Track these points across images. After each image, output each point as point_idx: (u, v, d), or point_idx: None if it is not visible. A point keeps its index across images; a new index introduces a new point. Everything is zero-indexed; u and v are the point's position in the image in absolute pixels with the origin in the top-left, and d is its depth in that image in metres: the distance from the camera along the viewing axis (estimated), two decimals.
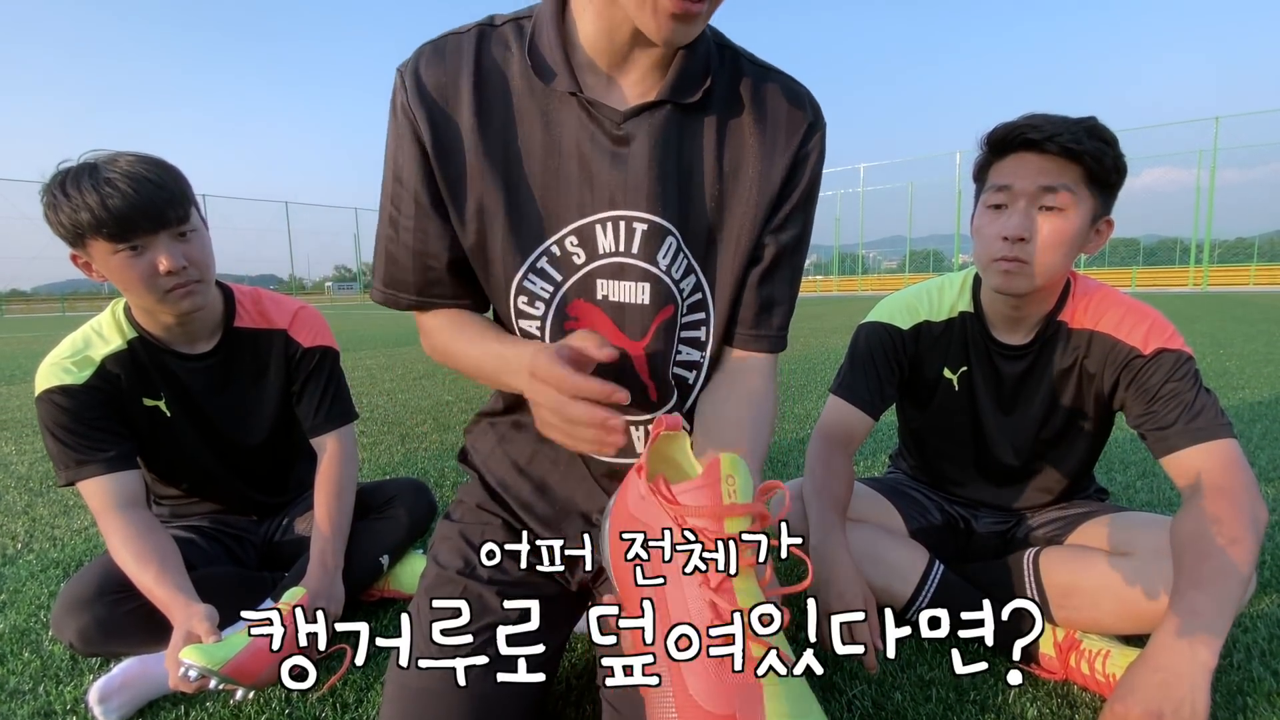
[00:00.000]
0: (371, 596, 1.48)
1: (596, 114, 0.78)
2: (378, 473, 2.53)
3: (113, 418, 1.26)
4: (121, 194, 1.09)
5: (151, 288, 1.17)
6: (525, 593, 0.87)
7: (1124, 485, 2.14)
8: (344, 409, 1.48)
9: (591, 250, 0.81)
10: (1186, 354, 1.13)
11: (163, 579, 1.13)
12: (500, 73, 0.79)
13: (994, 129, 1.13)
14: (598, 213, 0.79)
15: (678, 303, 0.83)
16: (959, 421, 1.34)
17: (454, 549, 0.93)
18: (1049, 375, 1.24)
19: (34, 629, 1.39)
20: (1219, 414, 1.10)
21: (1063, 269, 1.13)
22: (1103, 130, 1.06)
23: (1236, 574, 0.95)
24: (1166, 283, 28.82)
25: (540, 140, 0.79)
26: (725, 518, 0.53)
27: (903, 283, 35.05)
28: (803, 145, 0.83)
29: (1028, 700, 1.09)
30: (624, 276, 0.81)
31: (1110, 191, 1.11)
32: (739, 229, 0.83)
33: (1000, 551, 1.35)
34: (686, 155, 0.80)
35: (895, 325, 1.33)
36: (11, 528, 2.03)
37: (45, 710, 1.12)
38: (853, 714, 1.06)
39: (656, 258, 0.80)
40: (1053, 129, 1.05)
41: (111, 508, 1.20)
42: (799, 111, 0.83)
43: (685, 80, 0.78)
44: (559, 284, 0.82)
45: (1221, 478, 1.04)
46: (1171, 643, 0.92)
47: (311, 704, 1.12)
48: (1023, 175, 1.09)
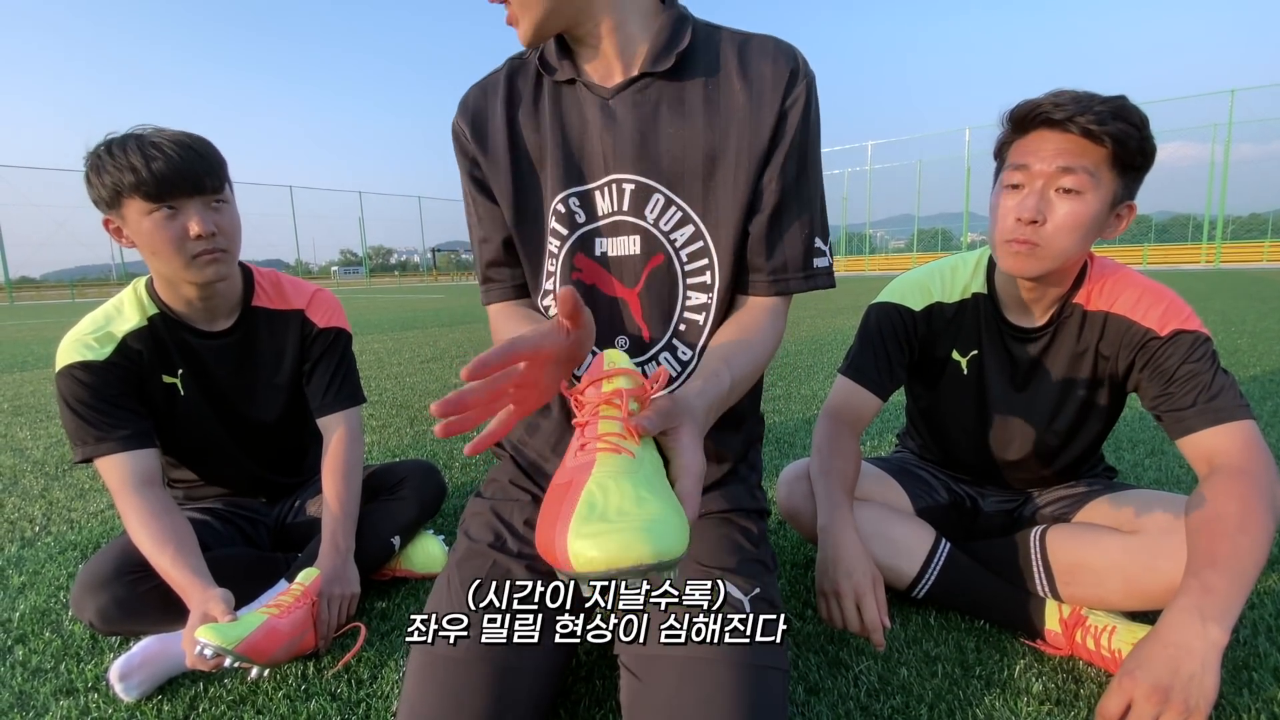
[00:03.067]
0: (383, 576, 1.50)
1: (592, 93, 0.91)
2: (387, 455, 2.55)
3: (132, 395, 1.28)
4: (165, 157, 1.15)
5: (180, 250, 1.20)
6: (551, 565, 0.91)
7: (1132, 464, 2.13)
8: (352, 391, 1.49)
9: (591, 211, 0.94)
10: (1204, 335, 1.12)
11: (179, 562, 1.15)
12: (524, 85, 0.96)
13: (1017, 105, 1.09)
14: (595, 179, 0.92)
15: (667, 252, 0.93)
16: (966, 403, 1.33)
17: (485, 523, 0.99)
18: (1063, 358, 1.23)
19: (54, 609, 1.42)
20: (1237, 395, 1.08)
21: (1077, 253, 1.10)
22: (1131, 111, 1.02)
23: (1253, 554, 0.95)
24: (1179, 260, 28.48)
25: (552, 123, 0.93)
26: (601, 381, 0.67)
27: (910, 262, 34.73)
28: (788, 92, 0.88)
29: (1033, 675, 1.10)
30: (618, 233, 0.93)
31: (1135, 175, 1.07)
32: (733, 178, 0.89)
33: (1007, 530, 1.35)
34: (675, 118, 0.89)
35: (907, 306, 1.31)
36: (30, 511, 2.07)
37: (68, 688, 1.14)
38: (859, 689, 1.07)
39: (644, 212, 0.92)
40: (1076, 108, 1.01)
41: (129, 486, 1.22)
42: (781, 62, 0.89)
43: (659, 54, 0.89)
44: (565, 238, 0.95)
45: (1240, 458, 1.03)
46: (1184, 619, 0.92)
47: (326, 681, 1.14)
48: (1042, 155, 1.05)
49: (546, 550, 0.54)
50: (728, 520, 0.97)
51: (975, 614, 1.27)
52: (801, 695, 1.06)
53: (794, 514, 1.40)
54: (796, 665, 1.14)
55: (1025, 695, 1.05)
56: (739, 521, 0.97)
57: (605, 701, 1.05)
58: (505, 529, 0.97)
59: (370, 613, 1.37)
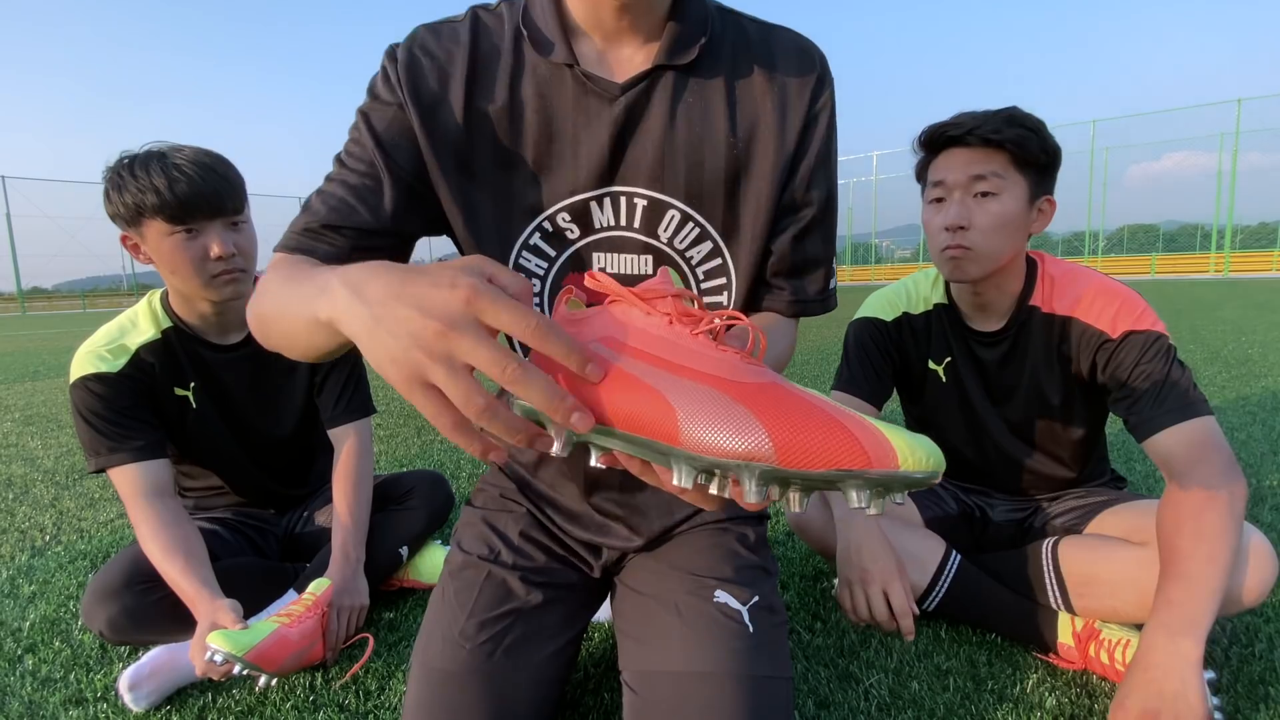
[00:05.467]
0: (391, 586, 1.50)
1: (593, 87, 0.75)
2: (395, 465, 2.56)
3: (145, 406, 1.29)
4: (188, 179, 1.16)
5: (199, 270, 1.22)
6: (548, 580, 0.90)
7: (1143, 474, 2.12)
8: (363, 402, 1.50)
9: (586, 226, 0.79)
10: (1156, 333, 1.12)
11: (188, 572, 1.16)
12: (495, 50, 0.76)
13: (923, 130, 1.21)
14: (594, 189, 0.77)
15: (683, 271, 0.83)
16: (953, 411, 1.36)
17: (478, 535, 0.95)
18: (1030, 361, 1.25)
19: (64, 619, 1.42)
20: (1190, 390, 1.08)
21: (1008, 250, 1.17)
22: (1023, 117, 1.13)
23: (1211, 560, 0.95)
24: (1187, 269, 28.32)
25: (534, 115, 0.76)
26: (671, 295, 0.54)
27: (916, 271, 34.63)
28: (814, 100, 0.79)
29: (1046, 690, 1.08)
30: (623, 249, 0.80)
31: (1044, 172, 1.17)
32: (757, 192, 0.79)
33: (1017, 541, 1.35)
34: (696, 123, 0.77)
35: (880, 318, 1.39)
36: (40, 520, 2.08)
37: (77, 698, 1.15)
38: (869, 703, 1.06)
39: (657, 231, 0.80)
40: (972, 123, 1.13)
41: (140, 496, 1.23)
42: (808, 65, 0.80)
43: (679, 43, 0.76)
44: (553, 259, 0.80)
45: (1190, 459, 1.03)
46: (1155, 639, 0.94)
47: (335, 691, 1.14)
48: (954, 169, 1.16)
49: (839, 446, 0.42)
50: (723, 529, 0.94)
51: (987, 627, 1.26)
52: (812, 709, 1.06)
53: (802, 525, 1.40)
54: (806, 679, 1.13)
55: (1038, 710, 1.04)
56: (735, 528, 0.95)
57: (613, 714, 1.05)
58: (500, 540, 0.93)
59: (378, 623, 1.37)
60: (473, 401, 0.43)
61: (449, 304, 0.43)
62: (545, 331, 0.44)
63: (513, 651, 0.83)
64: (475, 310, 0.43)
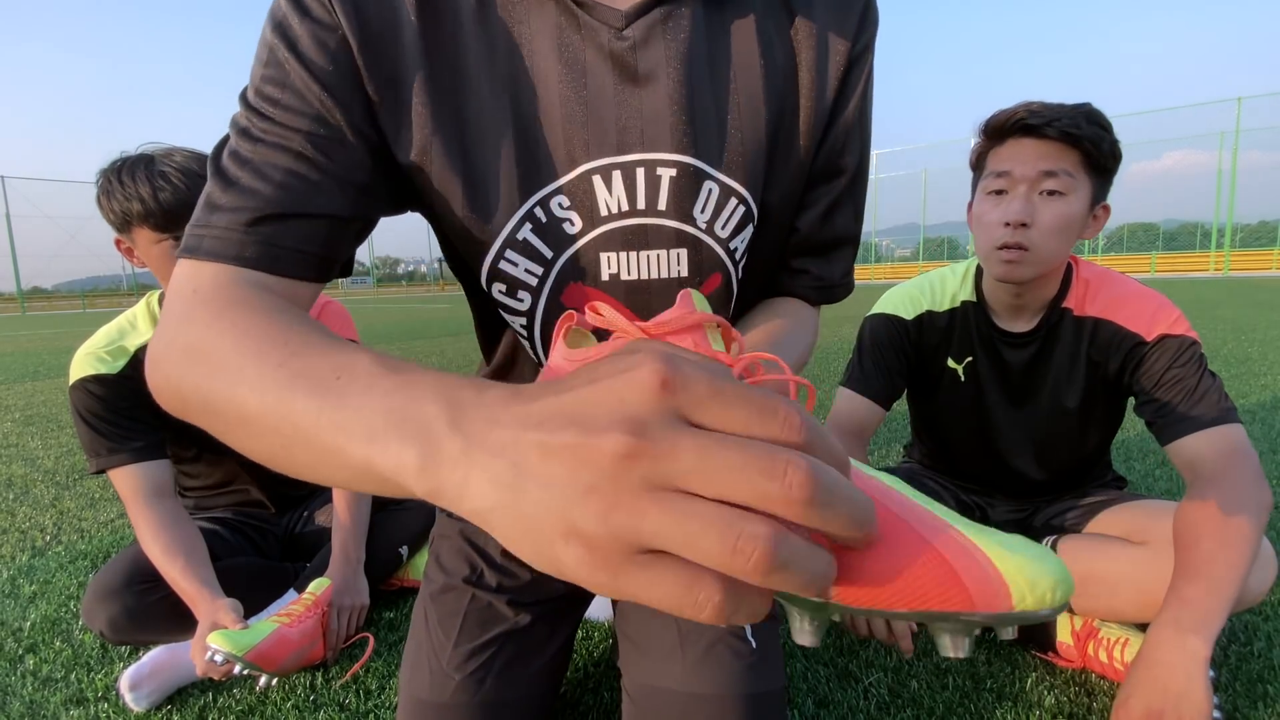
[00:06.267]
0: (391, 586, 1.50)
1: (588, 17, 0.56)
2: None
3: (144, 408, 1.29)
4: (173, 188, 1.16)
5: None
6: (536, 597, 0.85)
7: (1143, 474, 2.12)
8: None
9: (590, 213, 0.59)
10: (1190, 339, 1.12)
11: (188, 572, 1.16)
12: None
13: (992, 115, 1.13)
14: (598, 158, 0.58)
15: (727, 269, 0.63)
16: (966, 411, 1.34)
17: (457, 551, 0.87)
18: (1056, 363, 1.24)
19: (64, 619, 1.43)
20: (1221, 399, 1.08)
21: (1063, 254, 1.13)
22: (1099, 116, 1.08)
23: (1231, 563, 0.95)
24: (1187, 268, 28.35)
25: (512, 62, 0.56)
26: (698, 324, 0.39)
27: (917, 271, 34.70)
28: (857, 39, 0.63)
29: (1045, 689, 1.09)
30: (646, 244, 0.60)
31: (1106, 177, 1.12)
32: (793, 156, 0.63)
33: None
34: (723, 66, 0.59)
35: (899, 316, 1.35)
36: (40, 520, 2.08)
37: (78, 697, 1.15)
38: (869, 702, 1.06)
39: (693, 212, 0.59)
40: (1051, 114, 1.06)
41: (141, 496, 1.23)
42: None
43: None
44: (549, 262, 0.60)
45: (1221, 464, 1.03)
46: (1162, 635, 0.93)
47: (335, 691, 1.14)
48: (1022, 160, 1.09)
49: (932, 580, 0.29)
50: None
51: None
52: (811, 708, 1.06)
53: None
54: (806, 678, 1.13)
55: (1037, 709, 1.04)
56: None
57: (613, 714, 1.05)
58: (481, 559, 0.86)
59: (378, 623, 1.37)
60: (747, 536, 0.21)
61: (631, 401, 0.24)
62: (819, 445, 0.25)
63: (504, 674, 0.80)
64: (675, 403, 0.24)
